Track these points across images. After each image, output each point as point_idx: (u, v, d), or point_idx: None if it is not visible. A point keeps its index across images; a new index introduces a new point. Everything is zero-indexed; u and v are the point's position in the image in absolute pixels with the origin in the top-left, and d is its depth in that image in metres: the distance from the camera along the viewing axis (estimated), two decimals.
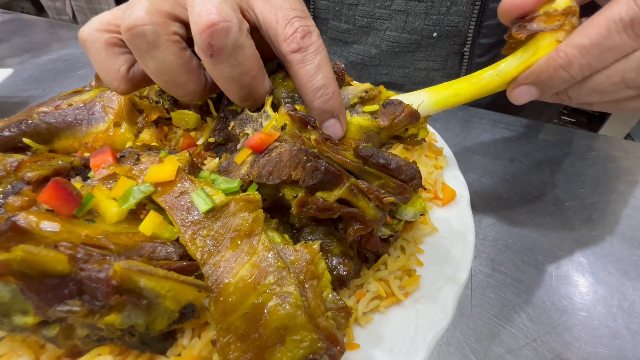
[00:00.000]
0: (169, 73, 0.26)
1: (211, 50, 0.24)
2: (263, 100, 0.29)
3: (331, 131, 0.29)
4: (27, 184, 0.24)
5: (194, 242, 0.19)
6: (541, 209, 0.40)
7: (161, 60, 0.26)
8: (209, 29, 0.23)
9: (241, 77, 0.26)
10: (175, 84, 0.28)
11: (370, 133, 0.30)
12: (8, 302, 0.16)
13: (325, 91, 0.28)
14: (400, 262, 0.25)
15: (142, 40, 0.25)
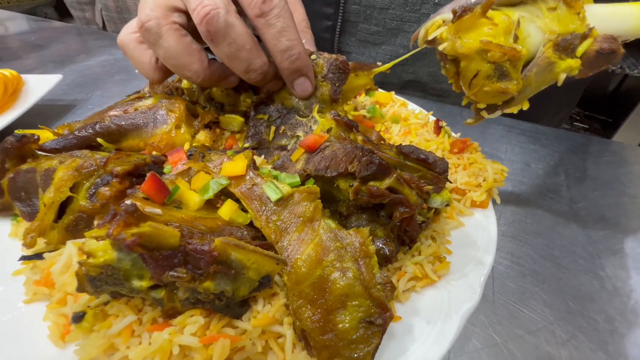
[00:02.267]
0: (174, 57, 0.32)
1: (210, 35, 0.30)
2: (263, 71, 0.33)
3: (302, 88, 0.33)
4: (114, 176, 0.29)
5: (268, 225, 0.23)
6: (556, 209, 0.43)
7: (167, 47, 0.32)
8: (204, 19, 0.29)
9: (238, 52, 0.31)
10: (182, 66, 0.33)
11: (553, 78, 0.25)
12: (129, 269, 0.20)
13: (291, 52, 0.31)
14: (432, 249, 0.29)
15: (149, 34, 0.31)
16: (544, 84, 0.25)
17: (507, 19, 0.23)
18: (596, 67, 0.23)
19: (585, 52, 0.23)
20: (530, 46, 0.24)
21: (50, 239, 0.28)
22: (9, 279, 0.28)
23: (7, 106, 0.57)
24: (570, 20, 0.22)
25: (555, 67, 0.23)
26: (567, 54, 0.22)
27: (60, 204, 0.29)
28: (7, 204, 0.33)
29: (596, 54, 0.22)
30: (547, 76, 0.24)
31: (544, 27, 0.23)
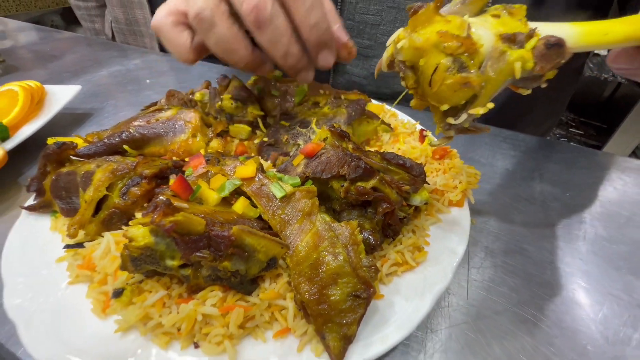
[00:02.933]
0: (225, 43, 0.36)
1: (258, 24, 0.34)
2: (298, 58, 0.37)
3: (325, 60, 0.37)
4: (143, 178, 0.34)
5: (274, 218, 0.29)
6: (529, 209, 0.48)
7: (219, 34, 0.35)
8: (253, 10, 0.33)
9: (280, 38, 0.35)
10: (230, 51, 0.37)
11: (511, 79, 0.26)
12: (164, 250, 0.25)
13: (319, 27, 0.35)
14: (412, 240, 0.34)
15: (204, 22, 0.35)
16: (503, 76, 0.25)
17: (459, 19, 0.25)
18: (550, 60, 0.24)
19: (535, 46, 0.24)
20: (483, 46, 0.25)
21: (88, 230, 0.33)
22: (53, 264, 0.33)
23: (33, 115, 0.62)
24: (514, 24, 0.25)
25: (508, 56, 0.24)
26: (516, 46, 0.24)
27: (97, 201, 0.34)
28: (47, 202, 0.38)
29: (545, 46, 0.23)
30: (502, 67, 0.24)
31: (492, 29, 0.25)
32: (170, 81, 0.89)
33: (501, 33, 0.24)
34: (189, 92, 0.53)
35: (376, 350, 0.26)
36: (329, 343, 0.25)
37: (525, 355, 0.32)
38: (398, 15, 0.64)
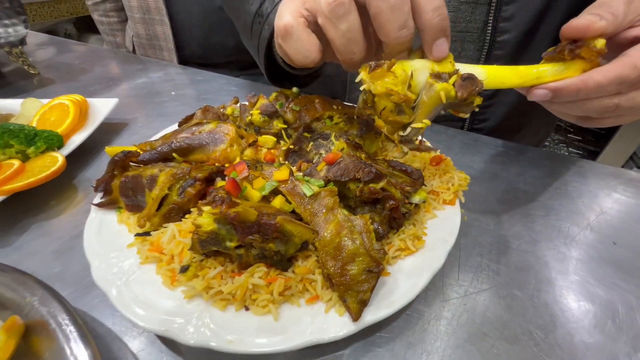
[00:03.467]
0: (353, 32, 0.36)
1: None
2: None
3: (441, 49, 0.35)
4: (196, 180, 0.42)
5: (305, 211, 0.37)
6: (513, 208, 0.56)
7: (350, 23, 0.35)
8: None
9: (400, 15, 0.33)
10: (354, 42, 0.37)
11: (441, 104, 0.35)
12: (225, 234, 0.34)
13: (441, 11, 0.34)
14: (412, 231, 0.42)
15: (341, 8, 0.35)
16: (433, 101, 0.35)
17: (404, 73, 0.34)
18: (466, 88, 0.33)
19: (455, 80, 0.34)
20: (418, 88, 0.36)
21: (153, 222, 0.42)
22: (125, 249, 0.41)
23: (80, 125, 0.71)
24: (443, 66, 0.35)
25: (436, 87, 0.34)
26: (441, 81, 0.34)
27: (160, 199, 0.42)
28: (114, 199, 0.46)
29: (461, 79, 0.34)
30: (432, 94, 0.34)
31: (428, 70, 0.35)
32: (193, 93, 0.98)
33: (432, 70, 0.35)
34: (220, 107, 0.62)
35: (384, 312, 0.34)
36: (349, 305, 0.33)
37: (501, 323, 0.39)
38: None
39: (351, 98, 0.89)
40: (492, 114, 0.78)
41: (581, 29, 0.33)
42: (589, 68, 0.34)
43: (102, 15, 1.39)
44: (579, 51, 0.33)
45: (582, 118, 0.39)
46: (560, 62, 0.34)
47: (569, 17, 0.67)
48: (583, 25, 0.33)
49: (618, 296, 0.43)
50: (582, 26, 0.33)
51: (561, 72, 0.34)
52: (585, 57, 0.33)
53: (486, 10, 0.64)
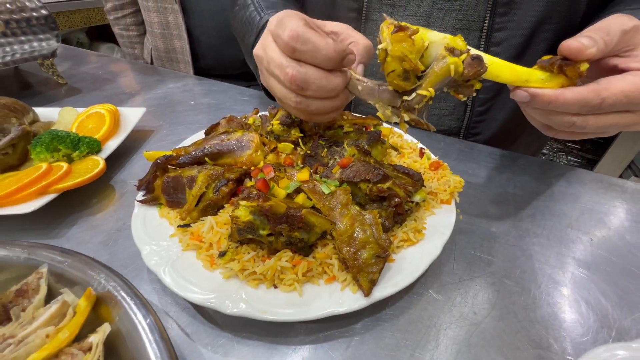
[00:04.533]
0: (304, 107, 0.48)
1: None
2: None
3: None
4: (229, 180, 0.50)
5: (324, 206, 0.44)
6: (503, 208, 0.63)
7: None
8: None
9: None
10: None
11: (449, 77, 0.38)
12: (259, 224, 0.41)
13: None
14: (414, 225, 0.49)
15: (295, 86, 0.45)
16: (442, 72, 0.38)
17: (421, 42, 0.37)
18: (473, 67, 0.36)
19: (465, 58, 0.37)
20: (429, 60, 0.39)
21: (192, 216, 0.49)
22: (168, 239, 0.48)
23: (114, 132, 0.78)
24: (458, 43, 0.38)
25: (448, 59, 0.36)
26: (454, 55, 0.37)
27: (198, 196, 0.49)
28: (155, 197, 0.53)
29: (470, 58, 0.36)
30: (443, 66, 0.37)
31: (443, 43, 0.38)
32: (211, 102, 1.06)
33: (447, 44, 0.38)
34: (242, 117, 0.70)
35: (390, 290, 0.41)
36: (362, 284, 0.40)
37: (490, 304, 0.46)
38: None
39: (357, 110, 0.97)
40: (485, 128, 0.85)
41: (574, 51, 0.36)
42: (566, 84, 0.38)
43: (122, 29, 1.48)
44: (566, 69, 0.36)
45: (545, 126, 0.44)
46: (548, 72, 0.38)
47: (555, 44, 0.75)
48: (576, 49, 0.36)
49: (591, 286, 0.50)
50: (575, 49, 0.36)
51: (545, 82, 0.38)
52: (568, 75, 0.37)
53: (478, 36, 0.72)
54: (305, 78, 0.43)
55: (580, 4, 0.68)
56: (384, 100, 0.44)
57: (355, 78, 0.47)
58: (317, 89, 0.44)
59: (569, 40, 0.37)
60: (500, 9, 0.68)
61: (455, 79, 0.38)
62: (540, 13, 0.66)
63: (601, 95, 0.36)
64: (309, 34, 0.41)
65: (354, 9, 0.80)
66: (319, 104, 0.47)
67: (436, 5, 0.73)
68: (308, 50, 0.41)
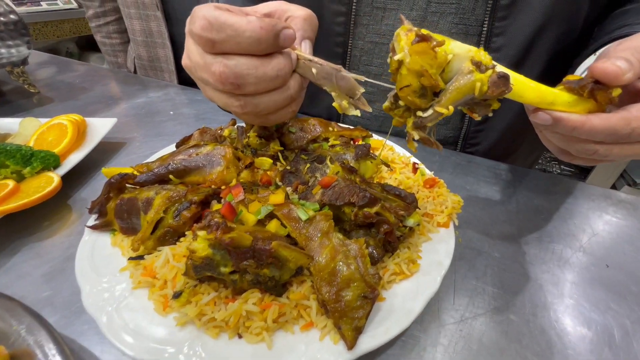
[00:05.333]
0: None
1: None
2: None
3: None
4: (192, 203, 0.43)
5: (300, 236, 0.37)
6: (506, 229, 0.57)
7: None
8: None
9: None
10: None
11: (471, 95, 0.33)
12: (219, 260, 0.34)
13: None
14: (407, 254, 0.42)
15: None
16: (465, 89, 0.33)
17: (444, 56, 0.32)
18: (498, 87, 0.32)
19: (490, 75, 0.32)
20: (450, 75, 0.34)
21: (147, 245, 0.41)
22: (117, 273, 0.41)
23: (77, 145, 0.71)
24: (484, 57, 0.33)
25: (474, 75, 0.32)
26: (480, 71, 0.32)
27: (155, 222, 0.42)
28: (108, 222, 0.46)
29: (497, 76, 0.32)
30: (467, 82, 0.32)
31: (467, 54, 0.32)
32: (192, 112, 0.99)
33: (473, 58, 0.32)
34: (218, 129, 0.63)
35: (380, 340, 0.34)
36: (344, 333, 0.33)
37: (497, 350, 0.39)
38: None
39: (346, 117, 0.91)
40: (484, 138, 0.80)
41: (610, 75, 0.32)
42: (594, 110, 0.34)
43: (104, 36, 1.42)
44: (597, 93, 0.33)
45: (562, 151, 0.40)
46: (577, 95, 0.34)
47: (556, 50, 0.69)
48: (613, 73, 0.31)
49: (613, 320, 0.43)
50: (611, 73, 0.31)
51: (572, 106, 0.34)
52: (598, 100, 0.33)
53: (476, 41, 0.67)
54: (236, 71, 0.35)
55: (583, 6, 0.64)
56: (342, 88, 0.38)
57: (304, 58, 0.40)
58: (256, 80, 0.37)
59: (604, 63, 0.32)
60: (500, 12, 0.63)
61: (475, 97, 0.33)
62: (542, 16, 0.61)
63: (632, 125, 0.32)
64: (223, 17, 0.33)
65: (342, 13, 0.75)
66: (267, 100, 0.40)
67: (430, 8, 0.68)
68: (228, 37, 0.34)
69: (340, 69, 0.39)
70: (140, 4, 1.17)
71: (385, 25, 0.74)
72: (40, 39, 3.19)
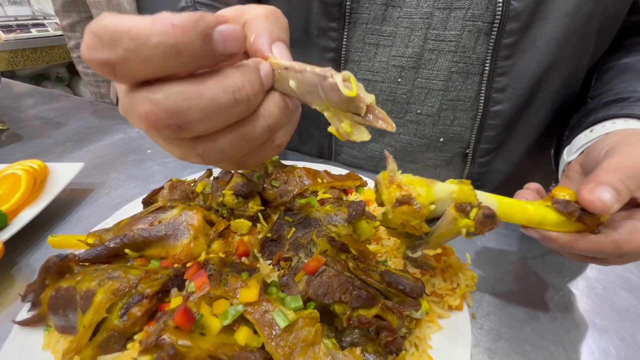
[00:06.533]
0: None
1: None
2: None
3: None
4: (144, 297, 0.34)
5: (277, 351, 0.28)
6: (527, 300, 0.48)
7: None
8: None
9: None
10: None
11: (457, 236, 0.33)
12: None
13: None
14: (415, 357, 0.33)
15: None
16: (451, 234, 0.33)
17: (428, 208, 0.32)
18: (485, 225, 0.32)
19: (476, 214, 0.32)
20: (435, 214, 0.34)
21: (84, 355, 0.32)
22: None
23: (34, 197, 0.63)
24: (467, 194, 0.32)
25: (458, 222, 0.32)
26: (465, 215, 0.31)
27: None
28: (42, 316, 0.37)
29: (483, 216, 0.32)
30: (452, 228, 0.32)
31: (451, 196, 0.33)
32: None
33: (457, 202, 0.32)
34: (191, 182, 0.55)
35: None
36: None
37: None
38: (393, 112, 0.70)
39: (339, 156, 0.84)
40: (488, 180, 0.73)
41: (596, 210, 0.32)
42: (582, 230, 0.34)
43: (86, 67, 1.37)
44: (585, 219, 0.33)
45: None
46: (565, 217, 0.34)
47: (564, 89, 0.64)
48: (599, 208, 0.31)
49: None
50: (597, 208, 0.32)
51: (560, 226, 0.35)
52: (587, 224, 0.34)
53: (478, 81, 0.62)
54: (169, 107, 0.22)
55: (590, 45, 0.59)
56: (335, 102, 0.25)
57: (278, 66, 0.26)
58: (204, 114, 0.23)
59: (590, 196, 0.32)
60: (503, 52, 0.57)
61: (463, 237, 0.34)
62: (549, 56, 0.56)
63: (623, 248, 0.32)
64: (113, 23, 0.20)
65: (331, 49, 0.70)
66: (233, 139, 0.26)
67: (427, 45, 0.63)
68: (128, 52, 0.20)
69: (326, 75, 0.24)
70: None
71: (378, 63, 0.68)
72: (30, 65, 3.16)
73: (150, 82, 0.23)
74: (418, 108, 0.68)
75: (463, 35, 0.60)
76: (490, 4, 0.56)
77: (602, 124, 0.46)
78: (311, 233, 0.39)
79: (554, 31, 0.55)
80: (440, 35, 0.61)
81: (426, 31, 0.62)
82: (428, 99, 0.67)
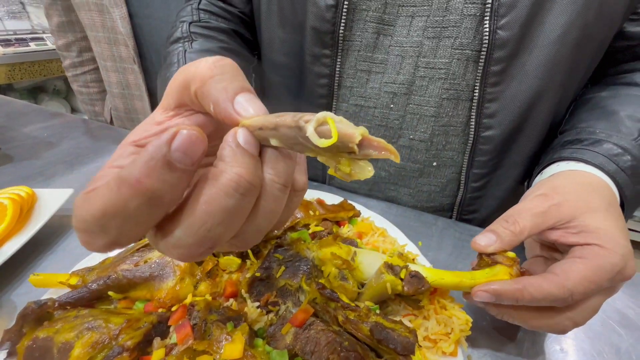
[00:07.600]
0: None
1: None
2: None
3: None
4: (125, 350, 0.32)
5: None
6: (525, 343, 0.47)
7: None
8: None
9: None
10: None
11: (386, 292, 0.38)
12: None
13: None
14: None
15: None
16: (380, 288, 0.38)
17: (348, 247, 0.40)
18: (413, 285, 0.36)
19: (405, 276, 0.37)
20: (365, 273, 0.40)
21: None
22: None
23: (20, 226, 0.61)
24: (398, 260, 0.39)
25: (385, 277, 0.37)
26: (392, 273, 0.37)
27: None
28: None
29: (409, 276, 0.37)
30: (380, 282, 0.37)
31: (383, 259, 0.39)
32: None
33: (387, 261, 0.38)
34: None
35: None
36: None
37: None
38: (386, 137, 0.70)
39: (332, 179, 0.83)
40: (480, 205, 0.73)
41: (479, 250, 0.39)
42: (513, 272, 0.37)
43: (81, 86, 1.37)
44: (495, 258, 0.37)
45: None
46: (487, 267, 0.38)
47: (555, 116, 0.65)
48: (481, 247, 0.38)
49: None
50: (480, 247, 0.39)
51: (492, 275, 0.37)
52: (504, 264, 0.37)
53: (468, 107, 0.62)
54: (189, 242, 0.21)
55: (580, 71, 0.60)
56: (318, 150, 0.23)
57: (253, 127, 0.22)
58: (224, 227, 0.21)
59: (475, 239, 0.39)
60: (491, 78, 0.58)
61: (391, 296, 0.39)
62: (538, 82, 0.57)
63: (567, 286, 0.33)
64: (89, 209, 0.19)
65: (325, 75, 0.70)
66: (265, 217, 0.23)
67: (418, 72, 0.64)
68: (120, 227, 0.19)
69: (300, 126, 0.21)
70: (117, 57, 1.13)
71: (370, 89, 0.69)
72: (27, 78, 3.17)
73: (161, 224, 0.21)
74: (411, 133, 0.68)
75: (452, 63, 0.60)
76: (477, 33, 0.56)
77: (557, 163, 0.49)
78: (300, 278, 0.38)
79: (542, 58, 0.55)
80: (431, 62, 0.62)
81: (417, 59, 0.63)
82: (420, 124, 0.67)
